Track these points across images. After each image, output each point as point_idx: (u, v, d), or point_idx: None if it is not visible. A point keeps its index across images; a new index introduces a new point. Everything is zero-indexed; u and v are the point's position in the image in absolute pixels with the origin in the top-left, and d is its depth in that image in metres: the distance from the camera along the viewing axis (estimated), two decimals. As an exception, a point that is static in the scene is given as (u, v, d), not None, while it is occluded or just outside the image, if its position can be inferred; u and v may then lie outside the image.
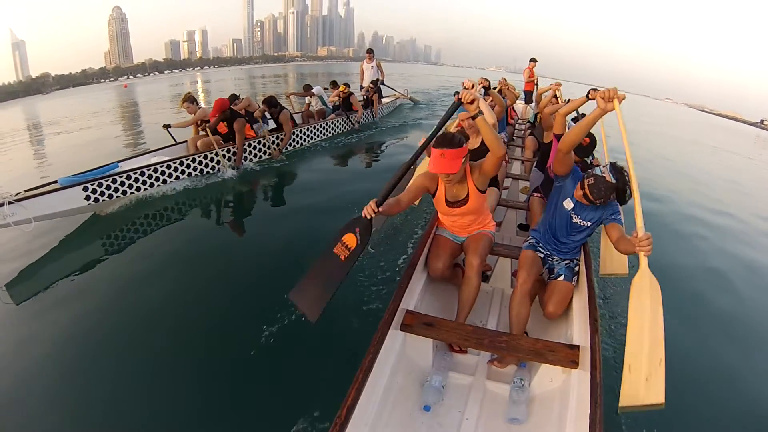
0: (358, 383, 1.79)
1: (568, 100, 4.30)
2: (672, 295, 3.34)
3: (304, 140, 8.34)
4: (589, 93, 3.75)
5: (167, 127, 6.46)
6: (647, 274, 1.93)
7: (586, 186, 2.45)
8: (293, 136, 7.91)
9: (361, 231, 2.26)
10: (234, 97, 7.25)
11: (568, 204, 2.67)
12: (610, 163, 2.50)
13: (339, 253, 2.26)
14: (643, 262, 1.97)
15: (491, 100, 4.93)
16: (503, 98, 6.03)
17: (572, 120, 5.02)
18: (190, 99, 6.47)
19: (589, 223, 2.68)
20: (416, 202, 2.79)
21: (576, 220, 2.68)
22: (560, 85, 5.62)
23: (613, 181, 2.38)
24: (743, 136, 32.53)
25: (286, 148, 7.80)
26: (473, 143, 3.62)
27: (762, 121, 74.57)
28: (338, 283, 2.17)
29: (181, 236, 4.81)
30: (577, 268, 2.75)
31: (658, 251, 2.01)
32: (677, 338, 3.23)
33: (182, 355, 2.89)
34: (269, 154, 7.39)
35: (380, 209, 2.23)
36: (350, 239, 2.27)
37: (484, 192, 2.67)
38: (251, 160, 7.12)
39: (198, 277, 3.91)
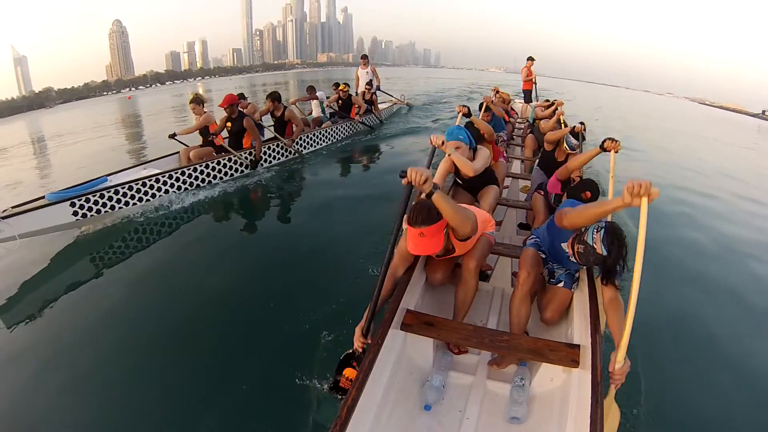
0: (358, 383, 1.80)
1: (574, 127, 4.32)
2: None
3: (310, 146, 8.34)
4: (604, 143, 3.49)
5: (173, 136, 6.38)
6: (613, 404, 1.85)
7: (575, 251, 2.26)
8: (299, 139, 7.91)
9: (359, 362, 2.08)
10: (242, 96, 7.28)
11: (567, 248, 2.43)
12: (607, 225, 2.15)
13: (346, 386, 2.06)
14: (612, 391, 1.85)
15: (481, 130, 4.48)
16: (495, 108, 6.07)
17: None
18: (197, 100, 6.46)
19: (564, 270, 2.68)
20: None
21: (551, 265, 2.69)
22: (562, 103, 5.63)
23: (604, 253, 2.09)
24: (743, 128, 32.35)
25: (302, 147, 7.95)
26: (468, 170, 3.32)
27: (763, 111, 74.07)
28: None
29: (189, 244, 4.86)
30: (577, 275, 2.73)
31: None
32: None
33: (181, 356, 2.94)
34: (285, 149, 7.53)
35: (369, 337, 2.12)
36: (351, 372, 2.09)
37: (468, 238, 2.49)
38: (270, 162, 7.27)
39: (196, 286, 3.93)
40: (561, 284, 2.66)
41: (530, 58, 11.30)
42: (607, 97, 38.66)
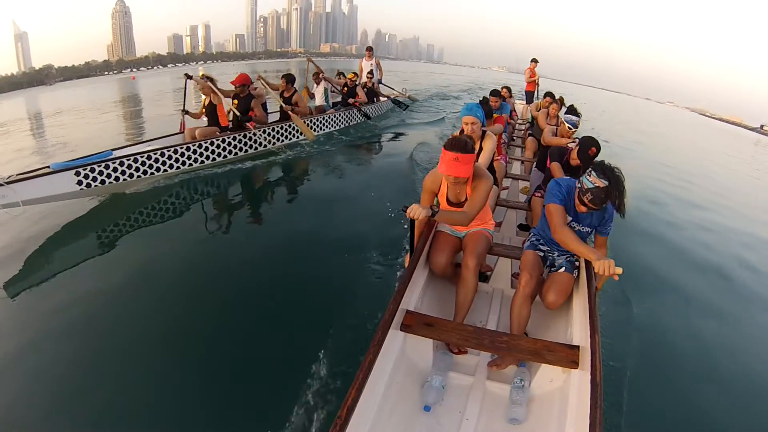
0: (358, 383, 1.78)
1: (572, 105, 4.37)
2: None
3: (315, 130, 8.32)
4: None
5: (186, 112, 6.55)
6: None
7: (586, 201, 2.47)
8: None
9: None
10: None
11: (577, 207, 2.64)
12: (595, 165, 2.48)
13: None
14: None
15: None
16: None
17: (566, 113, 5.10)
18: (207, 77, 6.49)
19: (589, 229, 2.70)
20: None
21: (577, 228, 2.68)
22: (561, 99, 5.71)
23: (606, 183, 2.38)
24: (742, 141, 32.75)
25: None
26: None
27: (762, 126, 74.68)
28: None
29: (187, 229, 4.83)
30: (577, 263, 2.76)
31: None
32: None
33: (178, 355, 2.89)
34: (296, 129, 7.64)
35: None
36: None
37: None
38: (283, 141, 7.49)
39: (197, 272, 3.90)
40: (562, 269, 2.70)
41: (534, 60, 11.28)
42: (610, 102, 38.84)
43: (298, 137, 7.92)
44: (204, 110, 6.48)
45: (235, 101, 6.59)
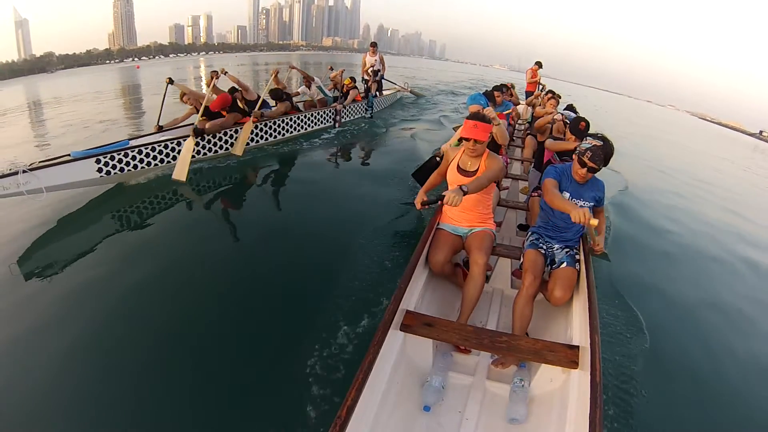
0: (358, 383, 1.78)
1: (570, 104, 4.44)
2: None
3: (302, 127, 8.25)
4: None
5: (160, 129, 6.44)
6: None
7: (586, 161, 2.67)
8: (293, 122, 7.90)
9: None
10: (233, 90, 7.20)
11: (565, 195, 2.78)
12: (587, 134, 2.90)
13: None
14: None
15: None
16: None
17: (564, 109, 5.14)
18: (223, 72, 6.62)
19: (589, 203, 2.79)
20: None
21: (580, 204, 2.77)
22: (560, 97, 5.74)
23: (601, 143, 2.66)
24: (741, 146, 32.88)
25: (304, 125, 8.17)
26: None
27: (761, 132, 74.92)
28: None
29: (189, 222, 4.85)
30: (578, 256, 2.80)
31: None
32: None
33: (177, 354, 2.85)
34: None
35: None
36: None
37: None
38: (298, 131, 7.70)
39: (197, 271, 3.86)
40: (564, 264, 2.73)
41: (538, 63, 11.27)
42: (610, 104, 38.96)
43: (312, 126, 8.25)
44: (201, 117, 6.31)
45: (224, 112, 6.51)
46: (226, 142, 6.53)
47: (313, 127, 8.49)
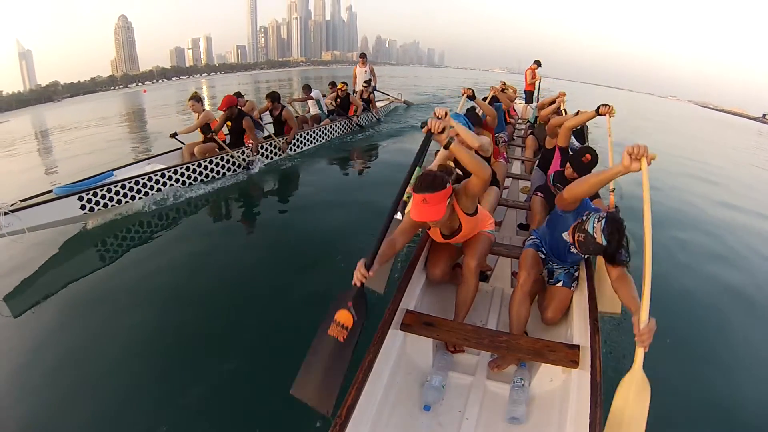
0: (358, 383, 1.80)
1: (577, 112, 4.22)
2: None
3: (306, 144, 8.34)
4: (599, 109, 3.75)
5: (174, 135, 6.49)
6: (640, 374, 1.71)
7: (575, 240, 2.26)
8: (294, 139, 7.91)
9: (355, 304, 1.98)
10: (239, 95, 7.30)
11: (568, 237, 2.44)
12: (608, 215, 2.14)
13: (336, 335, 1.94)
14: (639, 357, 1.74)
15: (481, 111, 4.78)
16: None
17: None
18: (196, 98, 6.57)
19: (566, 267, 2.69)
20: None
21: (574, 250, 2.43)
22: (564, 94, 5.60)
23: (604, 243, 2.09)
24: (745, 131, 32.57)
25: (300, 145, 8.05)
26: (473, 142, 3.29)
27: (764, 115, 73.88)
28: (345, 366, 1.83)
29: (185, 242, 4.83)
30: (576, 274, 2.73)
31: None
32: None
33: (178, 357, 2.91)
34: (279, 149, 7.49)
35: (371, 271, 2.05)
36: (344, 316, 1.97)
37: (475, 213, 2.56)
38: (262, 160, 7.21)
39: (199, 281, 3.92)
40: (560, 284, 2.66)
41: (537, 62, 11.33)
42: (615, 100, 38.72)
43: (295, 151, 8.05)
44: (201, 129, 6.48)
45: (229, 122, 6.62)
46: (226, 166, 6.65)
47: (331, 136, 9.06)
